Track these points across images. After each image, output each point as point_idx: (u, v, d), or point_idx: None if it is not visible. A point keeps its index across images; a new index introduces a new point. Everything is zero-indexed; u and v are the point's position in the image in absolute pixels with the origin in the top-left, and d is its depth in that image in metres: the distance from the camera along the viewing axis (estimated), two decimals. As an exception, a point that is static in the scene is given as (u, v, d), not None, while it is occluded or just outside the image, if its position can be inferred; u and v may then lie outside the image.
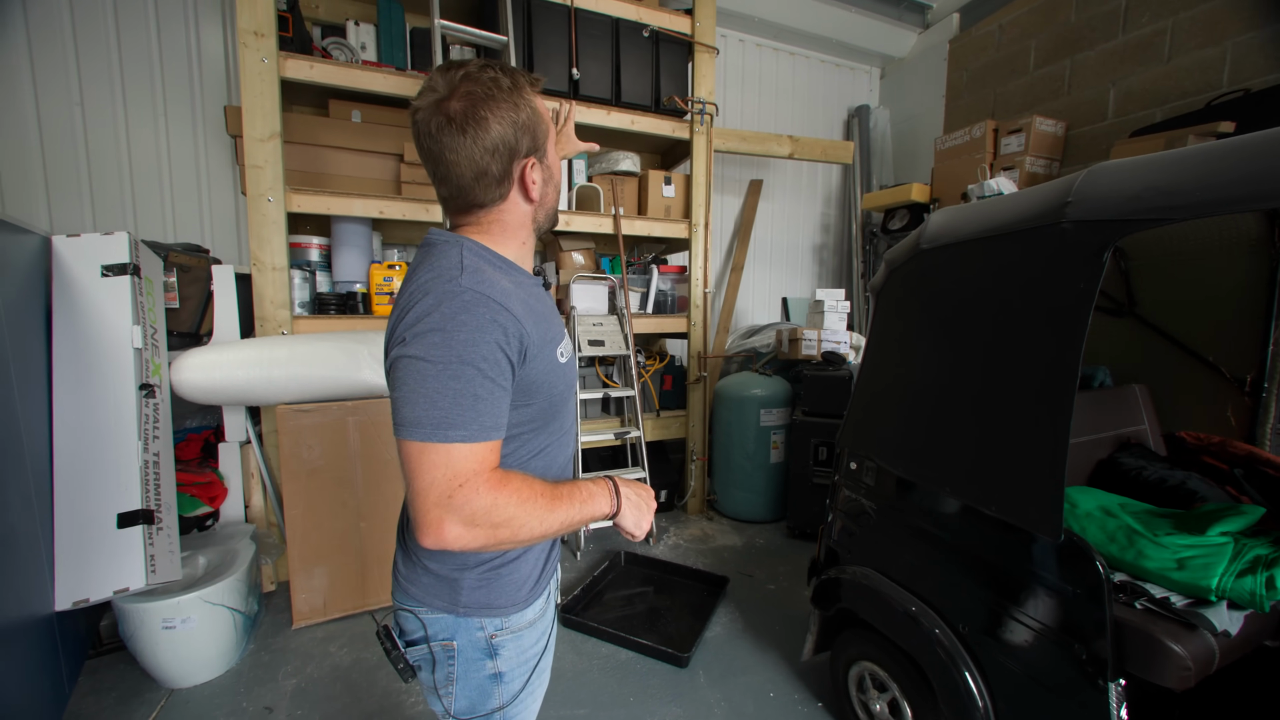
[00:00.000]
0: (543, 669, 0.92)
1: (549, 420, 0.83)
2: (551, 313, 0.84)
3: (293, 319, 2.40)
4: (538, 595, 0.87)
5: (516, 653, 0.84)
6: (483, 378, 0.68)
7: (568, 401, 0.87)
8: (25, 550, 1.46)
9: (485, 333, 0.68)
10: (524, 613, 0.84)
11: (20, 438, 1.48)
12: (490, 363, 0.69)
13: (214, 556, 2.06)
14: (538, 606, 0.87)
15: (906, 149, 4.54)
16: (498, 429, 0.70)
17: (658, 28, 3.00)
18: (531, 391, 0.77)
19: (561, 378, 0.82)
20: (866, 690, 1.60)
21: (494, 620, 0.82)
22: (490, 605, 0.81)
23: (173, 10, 2.80)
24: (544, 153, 0.81)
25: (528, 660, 0.86)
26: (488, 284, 0.71)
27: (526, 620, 0.85)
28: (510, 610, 0.82)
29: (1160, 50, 2.92)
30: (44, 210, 2.66)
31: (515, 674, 0.85)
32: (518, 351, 0.72)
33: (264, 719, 1.72)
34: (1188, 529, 1.22)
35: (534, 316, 0.76)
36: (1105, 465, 1.68)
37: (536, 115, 0.78)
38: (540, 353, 0.76)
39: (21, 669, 1.42)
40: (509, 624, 0.83)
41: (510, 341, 0.71)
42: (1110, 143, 3.05)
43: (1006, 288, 1.22)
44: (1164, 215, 0.96)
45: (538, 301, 0.81)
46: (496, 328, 0.69)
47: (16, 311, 1.53)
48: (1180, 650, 1.00)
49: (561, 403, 0.84)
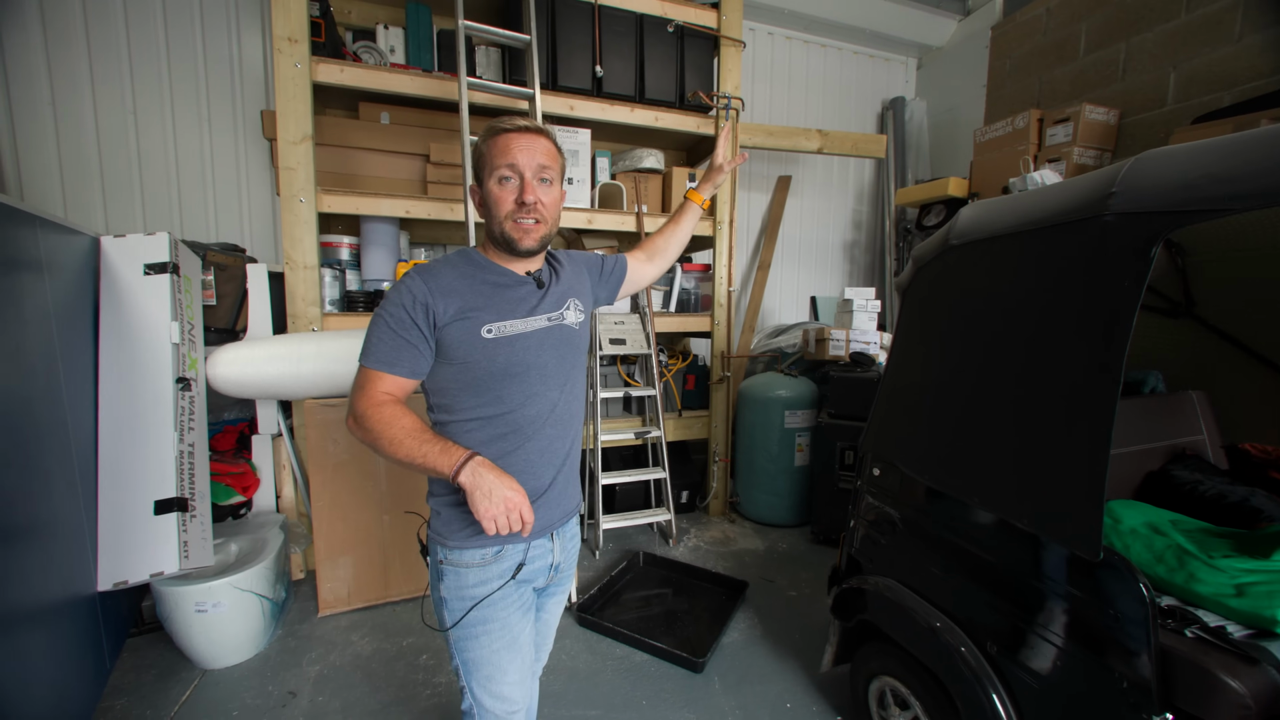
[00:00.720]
0: (486, 620, 1.03)
1: (475, 385, 1.00)
2: (502, 298, 1.02)
3: (323, 316, 2.47)
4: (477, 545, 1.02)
5: (455, 585, 1.03)
6: (386, 327, 0.96)
7: (505, 380, 1.00)
8: (71, 533, 1.54)
9: (399, 298, 0.97)
10: (462, 553, 1.02)
11: (68, 427, 1.57)
12: (394, 318, 0.96)
13: (246, 544, 2.14)
14: (477, 555, 1.02)
15: (944, 142, 4.35)
16: (389, 365, 0.96)
17: (683, 22, 2.96)
18: (448, 351, 0.99)
19: (481, 349, 0.98)
20: (888, 706, 1.53)
21: (442, 549, 1.04)
22: (440, 534, 1.04)
23: (217, 20, 2.93)
24: (484, 178, 1.03)
25: (463, 599, 1.02)
26: (428, 270, 1.01)
27: (465, 560, 1.02)
28: (451, 543, 1.02)
29: (1230, 28, 2.70)
30: (100, 211, 2.82)
31: (454, 604, 1.03)
32: (424, 313, 0.96)
33: (288, 703, 1.78)
34: (1249, 551, 1.11)
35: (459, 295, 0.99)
36: (1156, 478, 1.56)
37: (480, 152, 1.03)
38: (455, 322, 0.98)
39: (67, 644, 1.50)
40: (450, 557, 1.03)
41: (416, 305, 0.96)
42: (1169, 130, 2.84)
43: (1043, 286, 1.13)
44: (1222, 206, 0.87)
45: (486, 285, 1.02)
46: (408, 294, 0.97)
47: (68, 308, 1.63)
48: (1238, 686, 0.90)
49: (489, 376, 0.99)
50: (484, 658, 1.04)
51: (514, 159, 0.98)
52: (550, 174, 1.02)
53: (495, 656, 1.04)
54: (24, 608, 1.30)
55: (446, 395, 1.01)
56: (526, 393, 1.02)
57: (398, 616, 2.25)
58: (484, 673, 1.04)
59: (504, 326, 1.00)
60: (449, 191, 2.67)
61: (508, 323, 1.01)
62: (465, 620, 1.02)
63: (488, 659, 1.04)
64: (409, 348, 0.96)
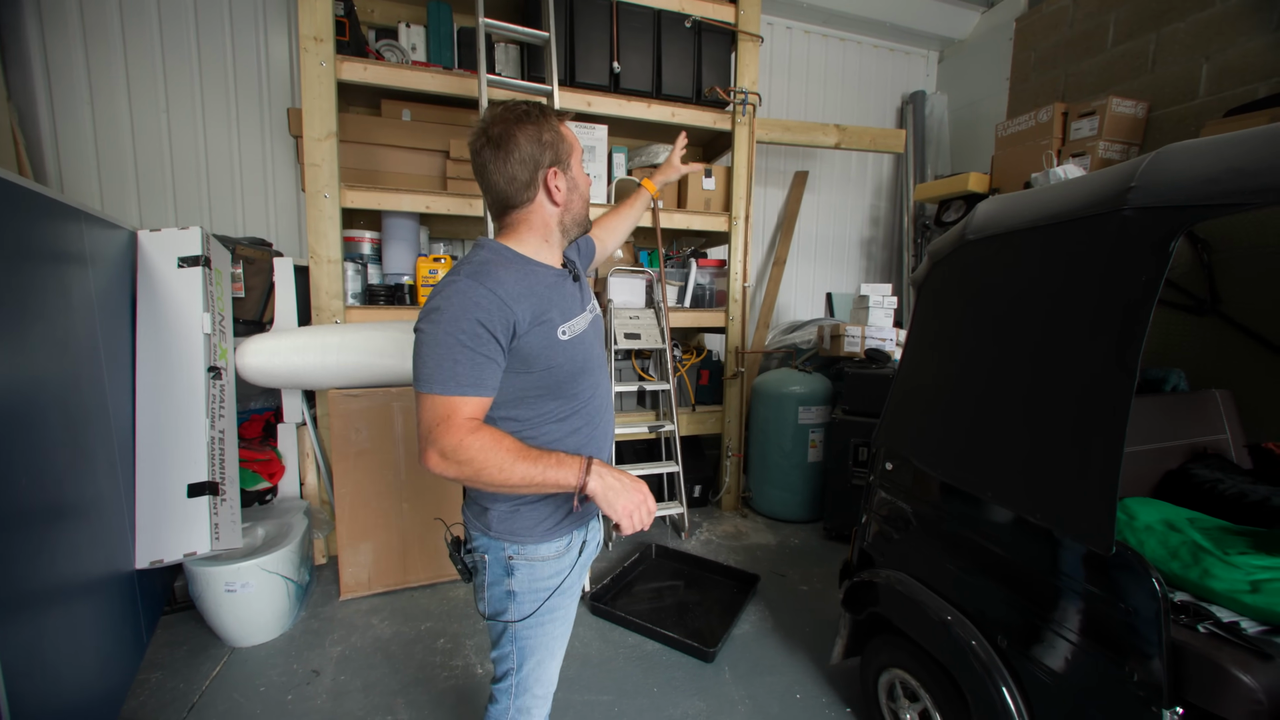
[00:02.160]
0: (554, 609, 1.05)
1: (557, 388, 0.98)
2: (560, 296, 1.00)
3: (345, 309, 2.54)
4: (554, 538, 1.03)
5: (529, 578, 1.02)
6: (461, 347, 0.86)
7: (579, 377, 1.00)
8: (112, 512, 1.62)
9: (468, 311, 0.87)
10: (539, 547, 1.02)
11: (109, 412, 1.64)
12: (469, 335, 0.87)
13: (271, 528, 2.22)
14: (554, 547, 1.03)
15: (966, 137, 4.28)
16: (473, 389, 0.88)
17: (700, 18, 2.96)
18: (529, 360, 0.93)
19: (561, 351, 0.96)
20: (897, 699, 1.54)
21: (514, 545, 1.01)
22: (512, 533, 1.01)
23: (245, 21, 3.01)
24: (566, 165, 0.99)
25: (539, 589, 1.03)
26: (484, 275, 0.91)
27: (540, 554, 1.02)
28: (527, 540, 1.01)
29: (1268, 16, 2.61)
30: (134, 206, 2.93)
31: (526, 597, 1.03)
32: (504, 327, 0.89)
33: (311, 681, 1.85)
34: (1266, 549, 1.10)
35: (530, 298, 0.93)
36: (1175, 476, 1.54)
37: (559, 136, 0.97)
38: (533, 329, 0.92)
39: (108, 616, 1.58)
40: (525, 552, 1.01)
41: (494, 320, 0.88)
42: (1200, 123, 2.76)
43: (1059, 281, 1.13)
44: (1245, 200, 0.87)
45: (545, 287, 0.97)
46: (480, 309, 0.87)
47: (108, 299, 1.71)
48: (1250, 681, 0.90)
49: (569, 376, 0.98)
50: (544, 644, 1.07)
51: None
52: None
53: (554, 642, 1.08)
54: (75, 580, 1.38)
55: (521, 405, 0.96)
56: (593, 385, 1.04)
57: (416, 601, 2.32)
58: (538, 657, 1.07)
59: (573, 325, 0.99)
60: (468, 187, 2.72)
61: (573, 321, 1.00)
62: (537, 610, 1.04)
63: (547, 644, 1.07)
64: (490, 364, 0.89)
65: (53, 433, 1.33)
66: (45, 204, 1.41)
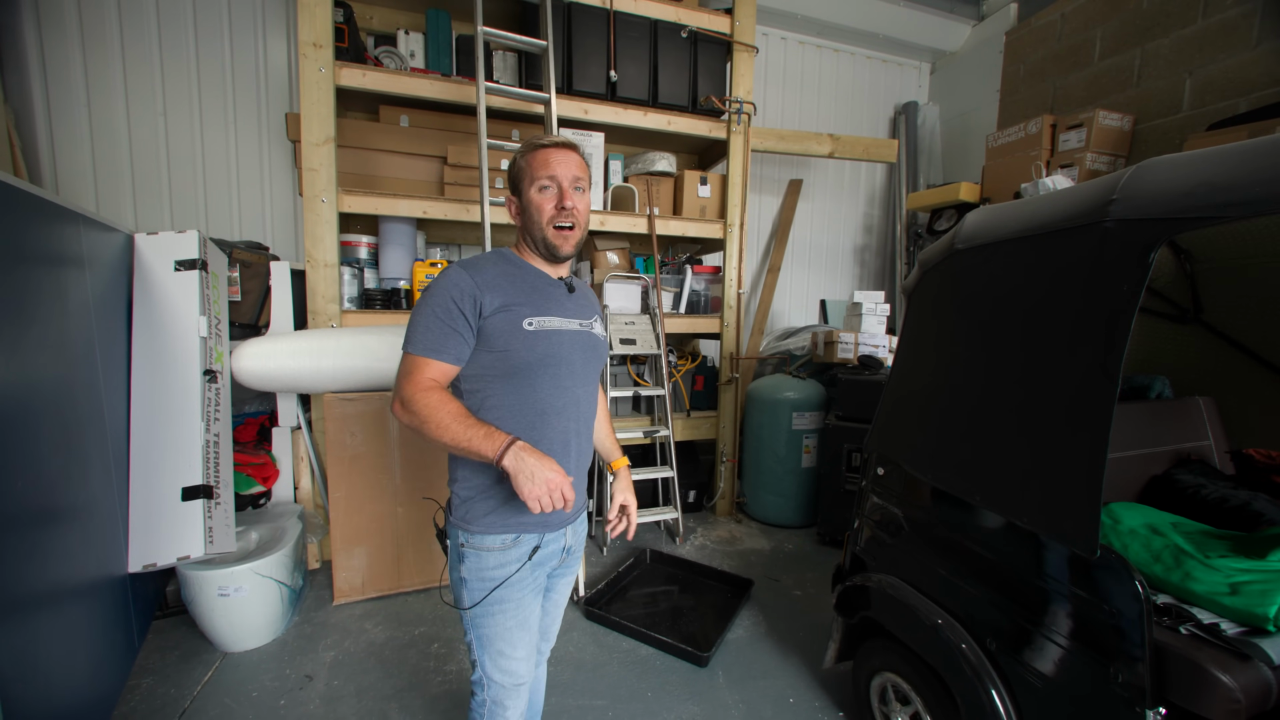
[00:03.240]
0: (503, 600, 1.10)
1: (513, 373, 1.06)
2: (541, 296, 1.11)
3: (341, 313, 2.55)
4: (499, 531, 1.09)
5: (475, 567, 1.09)
6: (434, 317, 1.02)
7: (539, 370, 1.07)
8: (106, 515, 1.61)
9: (445, 290, 1.03)
10: (483, 538, 1.09)
11: (103, 414, 1.64)
12: (442, 308, 1.02)
13: (265, 533, 2.22)
14: (498, 540, 1.09)
15: (957, 147, 4.35)
16: (437, 353, 1.02)
17: (696, 28, 3.00)
18: (490, 338, 1.05)
19: (522, 340, 1.05)
20: (889, 702, 1.56)
21: (464, 533, 1.10)
22: (465, 520, 1.10)
23: (244, 26, 3.02)
24: (519, 190, 1.12)
25: (484, 579, 1.09)
26: (471, 265, 1.08)
27: (486, 545, 1.09)
28: (475, 529, 1.09)
29: (1247, 34, 2.69)
30: (130, 209, 2.92)
31: (474, 585, 1.10)
32: (471, 304, 1.03)
33: (305, 686, 1.84)
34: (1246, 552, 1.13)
35: (503, 289, 1.07)
36: (1160, 482, 1.57)
37: (517, 168, 1.12)
38: (500, 313, 1.05)
39: (100, 620, 1.57)
40: (472, 541, 1.09)
41: (464, 298, 1.03)
42: (1184, 136, 2.83)
43: (1045, 290, 1.16)
44: (1219, 213, 0.90)
45: (526, 283, 1.10)
46: (455, 287, 1.03)
47: (104, 301, 1.70)
48: (1229, 681, 0.92)
49: (526, 365, 1.06)
50: (498, 634, 1.11)
51: (553, 170, 1.08)
52: (582, 183, 1.12)
53: (508, 633, 1.12)
54: (66, 584, 1.37)
55: (482, 380, 1.07)
56: (556, 385, 1.09)
57: (410, 606, 2.31)
58: (496, 647, 1.12)
59: (543, 321, 1.08)
60: (465, 193, 2.74)
61: (546, 318, 1.09)
62: (484, 600, 1.09)
63: (501, 635, 1.11)
64: (455, 335, 1.02)
65: (47, 436, 1.33)
66: (41, 206, 1.41)
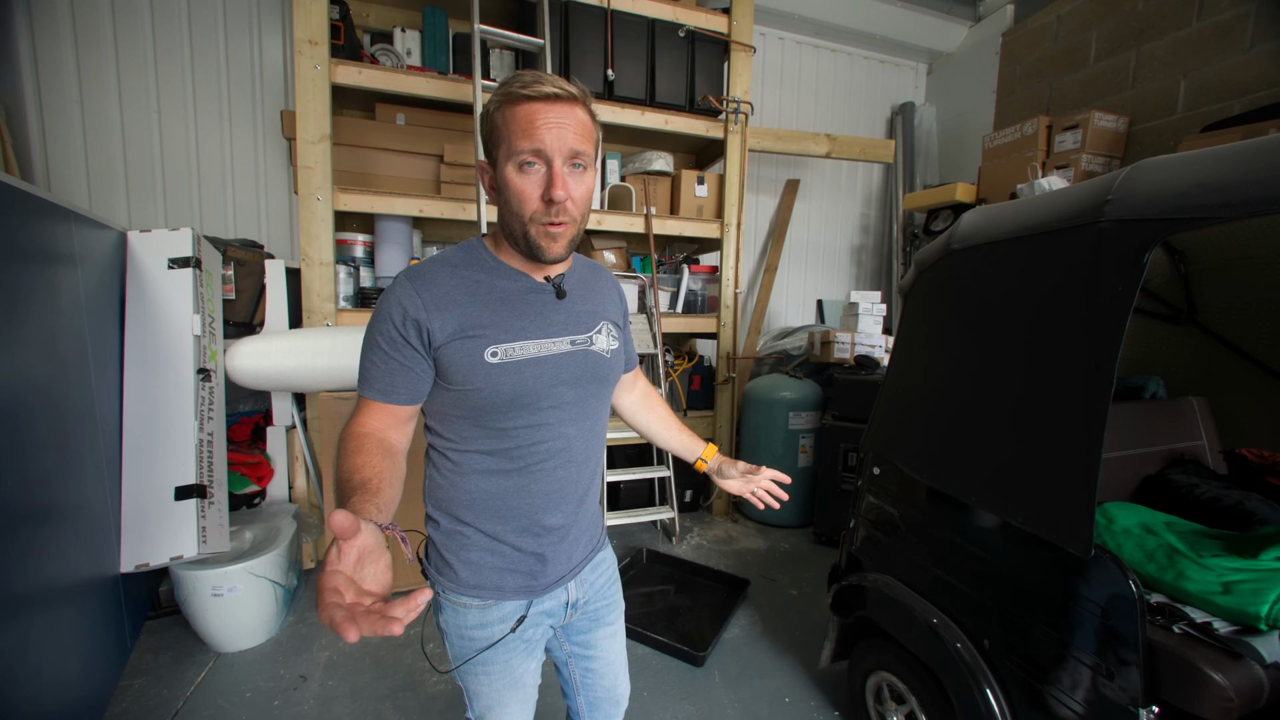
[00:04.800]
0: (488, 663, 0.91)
1: (478, 416, 0.83)
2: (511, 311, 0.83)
3: (337, 311, 2.53)
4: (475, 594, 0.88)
5: (454, 620, 0.90)
6: (377, 349, 0.80)
7: (510, 412, 0.82)
8: (97, 515, 1.60)
9: (388, 311, 0.80)
10: (461, 596, 0.89)
11: (95, 413, 1.63)
12: (386, 338, 0.79)
13: (259, 532, 2.20)
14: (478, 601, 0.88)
15: (953, 148, 4.36)
16: (383, 394, 0.80)
17: (694, 28, 3.00)
18: (446, 374, 0.81)
19: (484, 376, 0.80)
20: (884, 702, 1.56)
21: (440, 581, 0.90)
22: (437, 565, 0.91)
23: (239, 22, 3.00)
24: (493, 158, 0.80)
25: (465, 638, 0.90)
26: (421, 273, 0.81)
27: (462, 601, 0.89)
28: (448, 584, 0.89)
29: (1241, 37, 2.70)
30: (124, 207, 2.90)
31: (455, 640, 0.91)
32: (415, 331, 0.79)
33: (299, 686, 1.83)
34: (1239, 551, 1.13)
35: (459, 308, 0.80)
36: (1153, 481, 1.58)
37: (491, 124, 0.78)
38: (453, 341, 0.79)
39: (91, 621, 1.56)
40: (448, 595, 0.89)
41: (406, 321, 0.78)
42: (1178, 138, 2.84)
43: (1040, 290, 1.16)
44: (1213, 214, 0.90)
45: (493, 296, 0.82)
46: (398, 307, 0.79)
47: (96, 299, 1.69)
48: (1222, 680, 0.93)
49: (493, 408, 0.81)
50: (486, 693, 0.95)
51: (540, 141, 0.74)
52: (583, 159, 0.78)
53: (498, 694, 0.95)
54: (57, 584, 1.36)
55: (444, 421, 0.86)
56: (535, 426, 0.84)
57: (406, 605, 2.30)
58: (485, 703, 0.96)
59: (513, 349, 0.81)
60: (462, 191, 2.73)
61: (518, 344, 0.82)
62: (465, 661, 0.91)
63: (489, 694, 0.95)
64: (404, 371, 0.80)
65: (38, 434, 1.32)
66: (33, 203, 1.40)
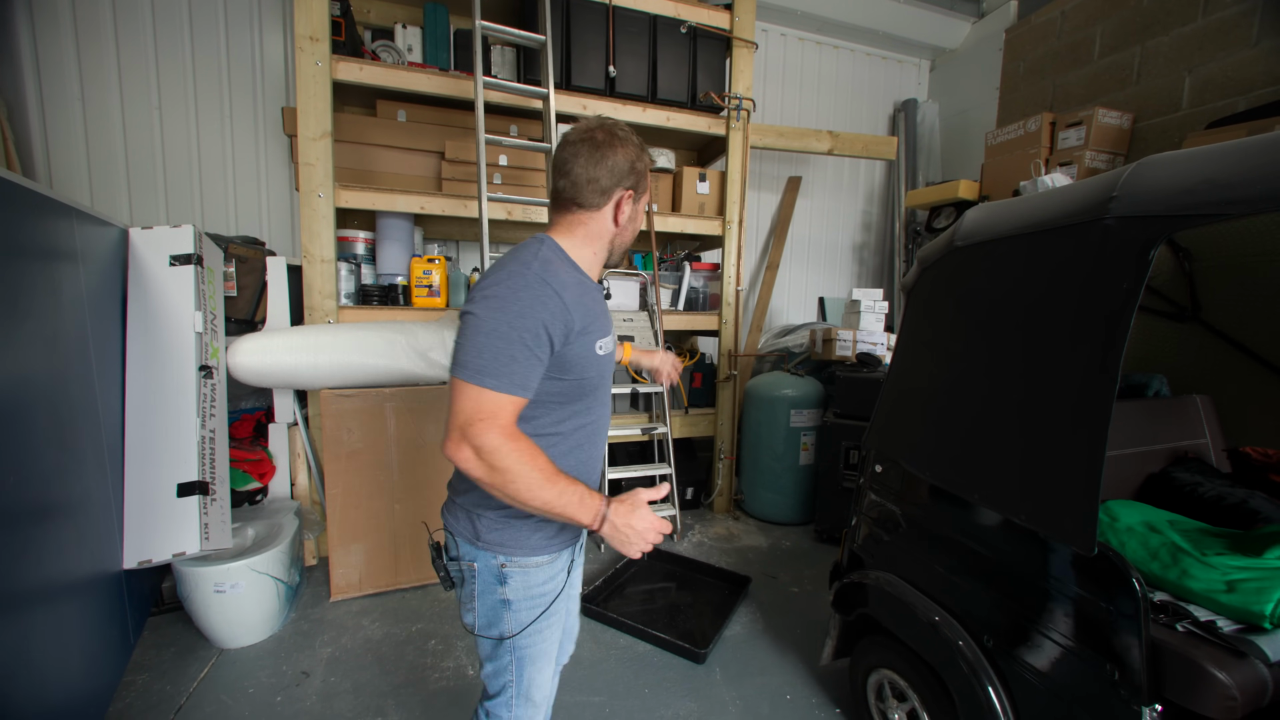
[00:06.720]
0: (554, 613, 1.02)
1: (576, 398, 0.97)
2: (601, 313, 1.01)
3: (338, 308, 2.53)
4: (544, 550, 0.99)
5: (523, 586, 0.98)
6: (522, 345, 0.85)
7: (599, 389, 1.01)
8: (100, 512, 1.61)
9: (535, 311, 0.86)
10: (531, 556, 0.98)
11: (98, 410, 1.63)
12: (532, 335, 0.85)
13: (261, 529, 2.21)
14: (547, 556, 1.00)
15: (956, 144, 4.34)
16: (523, 389, 0.86)
17: (696, 24, 2.99)
18: (566, 368, 0.93)
19: (595, 365, 0.97)
20: (886, 699, 1.56)
21: (501, 554, 0.97)
22: (503, 544, 0.97)
23: (240, 19, 3.00)
24: (637, 196, 1.02)
25: (535, 597, 0.99)
26: (552, 274, 0.90)
27: (534, 561, 0.98)
28: (516, 552, 0.97)
29: (1246, 33, 2.68)
30: (125, 204, 2.90)
31: (523, 605, 0.99)
32: (561, 333, 0.89)
33: (301, 682, 1.84)
34: (1242, 550, 1.13)
35: (582, 307, 0.93)
36: (1157, 479, 1.57)
37: (645, 170, 1.01)
38: (580, 339, 0.92)
39: (94, 617, 1.56)
40: (516, 560, 0.97)
41: (555, 323, 0.87)
42: (1183, 135, 2.83)
43: (1045, 287, 1.15)
44: (1219, 210, 0.89)
45: (591, 300, 0.98)
46: (546, 309, 0.87)
47: (98, 296, 1.69)
48: (1225, 678, 0.93)
49: (592, 387, 0.99)
50: (543, 651, 1.02)
51: None
52: None
53: (551, 648, 1.04)
54: (60, 580, 1.37)
55: (540, 407, 0.95)
56: (602, 402, 1.04)
57: (407, 602, 2.31)
58: (537, 666, 1.02)
59: (605, 342, 0.99)
60: (463, 188, 2.72)
61: (608, 338, 1.00)
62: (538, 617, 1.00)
63: (544, 651, 1.03)
64: (540, 368, 0.88)
65: (40, 431, 1.32)
66: (34, 200, 1.39)
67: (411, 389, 2.36)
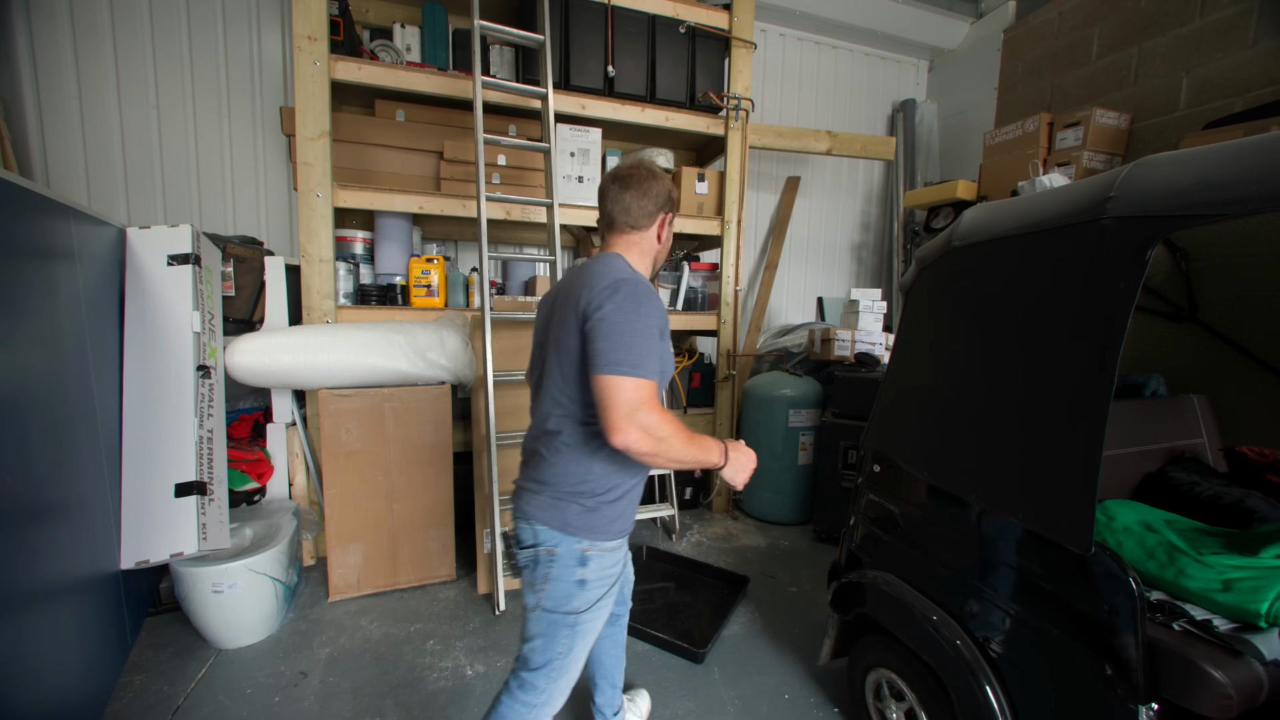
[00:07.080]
0: (612, 593, 1.20)
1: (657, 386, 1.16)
2: None
3: (336, 308, 2.53)
4: (619, 535, 1.19)
5: (599, 567, 1.15)
6: (658, 340, 1.06)
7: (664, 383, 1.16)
8: (98, 512, 1.60)
9: (656, 311, 1.08)
10: (609, 540, 1.16)
11: (95, 410, 1.62)
12: (661, 332, 1.08)
13: (260, 529, 2.20)
14: (619, 540, 1.20)
15: (955, 145, 4.35)
16: (657, 375, 1.05)
17: (695, 24, 2.99)
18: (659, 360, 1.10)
19: (669, 360, 1.17)
20: (884, 699, 1.56)
21: (586, 539, 1.13)
22: (589, 528, 1.14)
23: (238, 18, 2.99)
24: (672, 219, 1.26)
25: (606, 578, 1.17)
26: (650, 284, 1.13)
27: (610, 546, 1.17)
28: (600, 536, 1.15)
29: (1243, 33, 2.69)
30: (123, 203, 2.90)
31: (595, 584, 1.15)
32: (662, 329, 1.09)
33: (299, 683, 1.84)
34: (1239, 549, 1.13)
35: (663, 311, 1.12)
36: (1154, 479, 1.58)
37: (677, 198, 1.27)
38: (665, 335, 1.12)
39: (91, 617, 1.56)
40: (599, 544, 1.15)
41: (663, 322, 1.10)
42: (1180, 135, 2.84)
43: (1042, 287, 1.16)
44: (1216, 211, 0.90)
45: None
46: (657, 310, 1.09)
47: (95, 296, 1.69)
48: (1221, 677, 0.93)
49: (665, 378, 1.15)
50: (596, 627, 1.18)
51: None
52: None
53: (600, 621, 1.20)
54: (57, 580, 1.36)
55: None
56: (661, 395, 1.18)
57: (406, 603, 2.31)
58: (586, 641, 1.18)
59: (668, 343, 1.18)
60: (462, 188, 2.72)
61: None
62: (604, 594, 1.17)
63: (597, 624, 1.19)
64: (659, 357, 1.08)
65: (37, 431, 1.32)
66: (31, 199, 1.39)
67: (410, 389, 2.36)
